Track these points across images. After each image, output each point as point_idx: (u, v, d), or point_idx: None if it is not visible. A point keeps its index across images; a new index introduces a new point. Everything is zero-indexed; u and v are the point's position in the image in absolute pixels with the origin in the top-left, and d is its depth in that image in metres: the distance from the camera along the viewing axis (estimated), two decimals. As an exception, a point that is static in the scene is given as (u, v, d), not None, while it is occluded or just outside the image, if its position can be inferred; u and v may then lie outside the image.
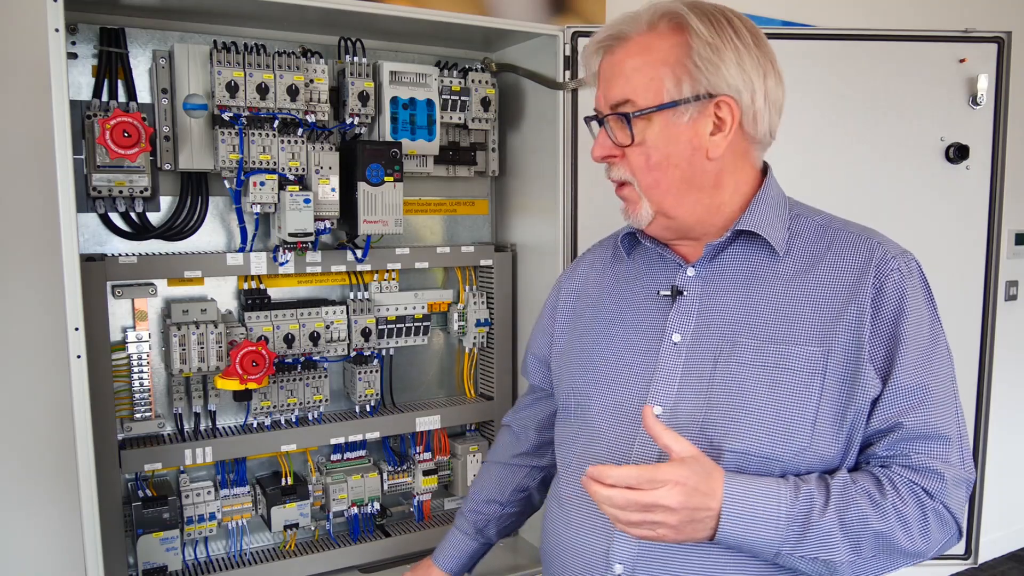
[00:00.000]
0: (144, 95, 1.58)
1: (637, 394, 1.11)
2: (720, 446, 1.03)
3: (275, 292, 1.75)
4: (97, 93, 1.54)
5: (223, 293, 1.70)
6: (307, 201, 1.57)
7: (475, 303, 1.92)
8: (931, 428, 1.02)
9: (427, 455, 1.89)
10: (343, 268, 1.71)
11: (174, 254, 1.61)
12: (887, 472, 1.02)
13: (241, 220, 1.63)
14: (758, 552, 0.98)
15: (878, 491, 0.99)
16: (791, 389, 1.02)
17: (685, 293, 1.13)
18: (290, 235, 1.57)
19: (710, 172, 1.09)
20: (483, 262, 1.90)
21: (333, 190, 1.61)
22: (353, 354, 1.77)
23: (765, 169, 1.16)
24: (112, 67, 1.54)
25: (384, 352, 1.84)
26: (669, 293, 1.14)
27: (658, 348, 1.12)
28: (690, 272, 1.13)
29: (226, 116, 1.51)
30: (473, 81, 1.81)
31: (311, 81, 1.60)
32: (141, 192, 1.53)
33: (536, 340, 1.38)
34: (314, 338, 1.69)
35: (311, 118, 1.60)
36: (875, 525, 0.98)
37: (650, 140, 1.07)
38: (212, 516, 1.65)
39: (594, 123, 1.15)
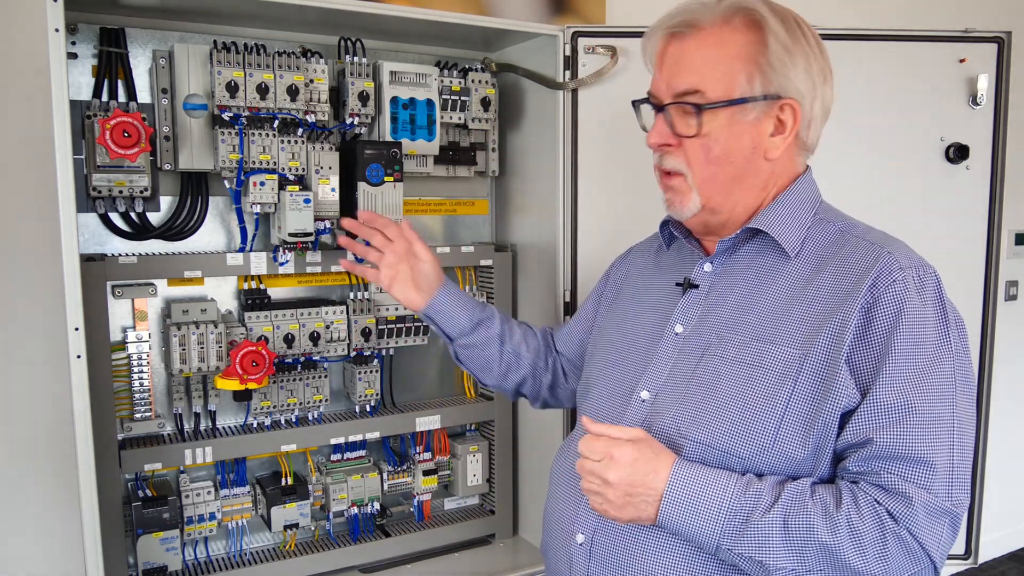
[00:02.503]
0: (144, 95, 1.58)
1: (630, 379, 1.16)
2: (685, 435, 1.05)
3: (275, 292, 1.75)
4: (97, 93, 1.54)
5: (223, 293, 1.70)
6: (307, 201, 1.57)
7: (475, 303, 1.92)
8: (908, 449, 0.95)
9: (427, 455, 1.89)
10: (342, 269, 1.71)
11: (174, 254, 1.61)
12: (854, 488, 0.97)
13: (241, 220, 1.63)
14: (698, 542, 0.99)
15: (835, 504, 0.95)
16: (762, 388, 1.02)
17: (699, 286, 1.14)
18: (290, 235, 1.57)
19: (763, 173, 1.10)
20: (483, 262, 1.90)
21: (333, 190, 1.61)
22: (353, 354, 1.77)
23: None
24: (112, 67, 1.54)
25: (384, 352, 1.84)
26: (682, 284, 1.16)
27: (661, 336, 1.15)
28: (707, 267, 1.15)
29: (226, 116, 1.51)
30: (473, 81, 1.81)
31: (311, 81, 1.60)
32: (141, 192, 1.52)
33: (578, 315, 1.47)
34: (314, 338, 1.69)
35: (311, 118, 1.60)
36: (822, 537, 0.93)
37: (712, 133, 1.06)
38: (212, 516, 1.65)
39: (644, 107, 1.14)
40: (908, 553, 0.94)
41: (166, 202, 1.64)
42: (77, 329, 1.30)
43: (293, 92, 1.56)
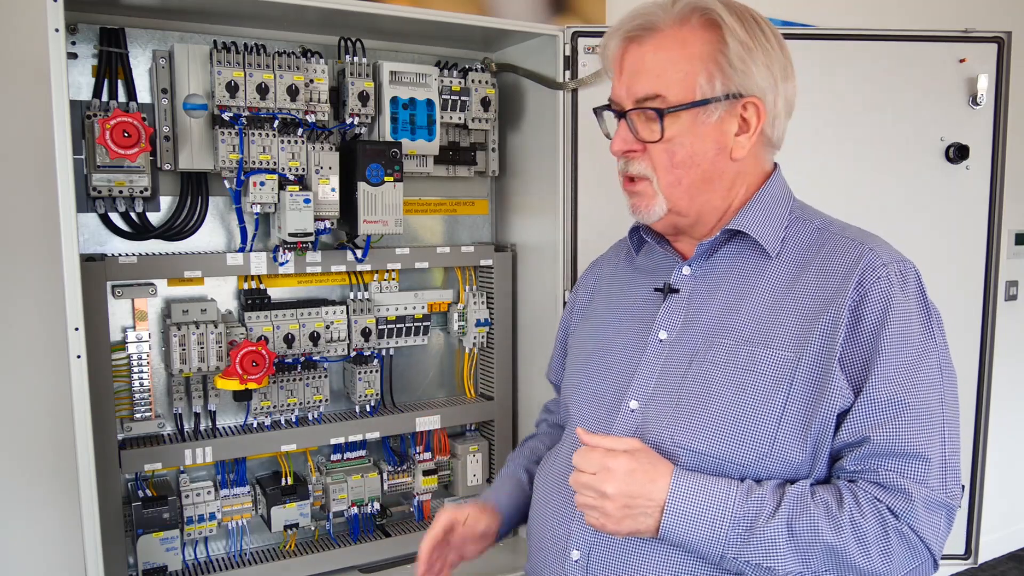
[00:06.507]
0: (144, 95, 1.58)
1: (616, 388, 1.13)
2: (679, 444, 1.02)
3: (275, 292, 1.75)
4: (97, 93, 1.54)
5: (223, 293, 1.70)
6: (307, 201, 1.57)
7: (475, 303, 1.92)
8: (904, 445, 0.95)
9: (427, 455, 1.89)
10: (343, 268, 1.71)
11: (174, 254, 1.61)
12: (852, 487, 0.97)
13: (241, 220, 1.63)
14: (703, 552, 0.97)
15: (836, 504, 0.95)
16: (756, 392, 1.00)
17: (680, 291, 1.13)
18: (290, 235, 1.57)
19: (729, 173, 1.08)
20: (483, 262, 1.90)
21: (333, 190, 1.61)
22: (353, 354, 1.77)
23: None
24: (112, 67, 1.54)
25: (384, 352, 1.84)
26: (663, 290, 1.14)
27: (644, 344, 1.12)
28: (685, 270, 1.13)
29: (226, 116, 1.51)
30: (473, 81, 1.81)
31: (311, 81, 1.60)
32: (141, 192, 1.53)
33: (558, 338, 1.40)
34: (314, 338, 1.69)
35: (311, 118, 1.60)
36: (827, 538, 0.93)
37: (676, 137, 1.05)
38: (212, 516, 1.65)
39: (608, 114, 1.13)
40: (910, 548, 0.95)
41: (166, 202, 1.64)
42: (77, 329, 1.30)
43: (293, 92, 1.56)
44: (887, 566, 0.94)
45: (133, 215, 1.60)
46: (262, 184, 1.56)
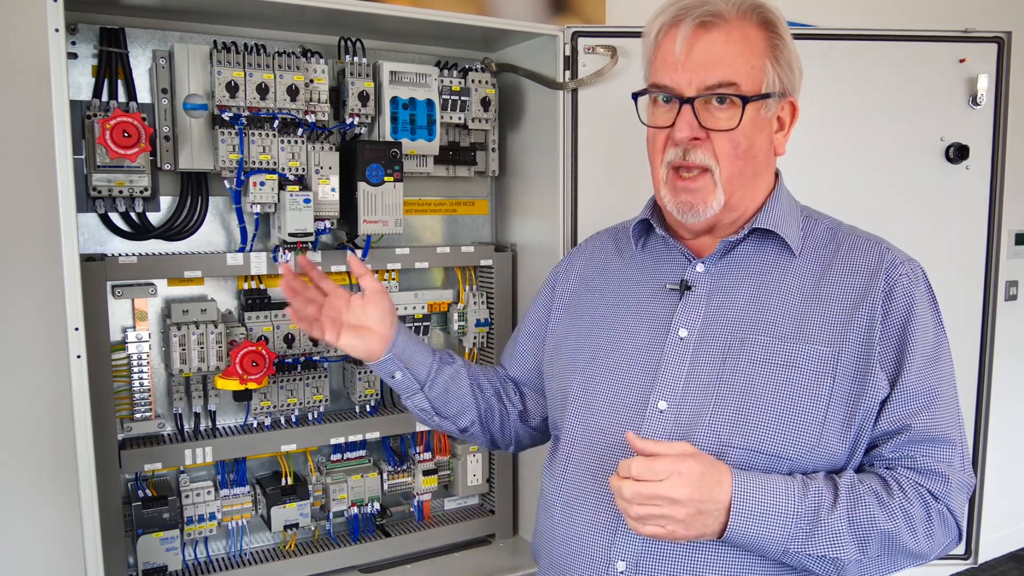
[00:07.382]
0: (144, 95, 1.58)
1: (637, 389, 1.10)
2: (728, 443, 1.02)
3: (275, 292, 1.75)
4: (97, 93, 1.54)
5: (223, 293, 1.70)
6: (307, 201, 1.57)
7: (475, 303, 1.92)
8: (937, 431, 1.02)
9: (427, 455, 1.89)
10: (343, 268, 1.71)
11: (174, 254, 1.61)
12: (893, 474, 1.03)
13: (241, 220, 1.63)
14: (766, 549, 0.98)
15: (885, 491, 1.00)
16: (801, 388, 1.02)
17: (694, 288, 1.12)
18: (290, 235, 1.57)
19: (770, 169, 1.13)
20: (483, 262, 1.90)
21: (333, 190, 1.61)
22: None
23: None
24: (112, 67, 1.54)
25: (384, 352, 1.84)
26: (676, 287, 1.13)
27: (663, 342, 1.10)
28: (699, 268, 1.13)
29: (226, 116, 1.51)
30: (473, 81, 1.81)
31: (311, 81, 1.60)
32: (141, 192, 1.53)
33: (525, 331, 1.35)
34: (314, 338, 1.69)
35: (311, 118, 1.60)
36: (882, 524, 0.98)
37: (742, 127, 1.05)
38: (212, 516, 1.65)
39: (643, 99, 1.12)
40: (946, 527, 1.03)
41: (166, 202, 1.64)
42: (77, 329, 1.30)
43: (293, 92, 1.56)
44: (930, 545, 1.02)
45: (133, 215, 1.60)
46: (262, 184, 1.56)
